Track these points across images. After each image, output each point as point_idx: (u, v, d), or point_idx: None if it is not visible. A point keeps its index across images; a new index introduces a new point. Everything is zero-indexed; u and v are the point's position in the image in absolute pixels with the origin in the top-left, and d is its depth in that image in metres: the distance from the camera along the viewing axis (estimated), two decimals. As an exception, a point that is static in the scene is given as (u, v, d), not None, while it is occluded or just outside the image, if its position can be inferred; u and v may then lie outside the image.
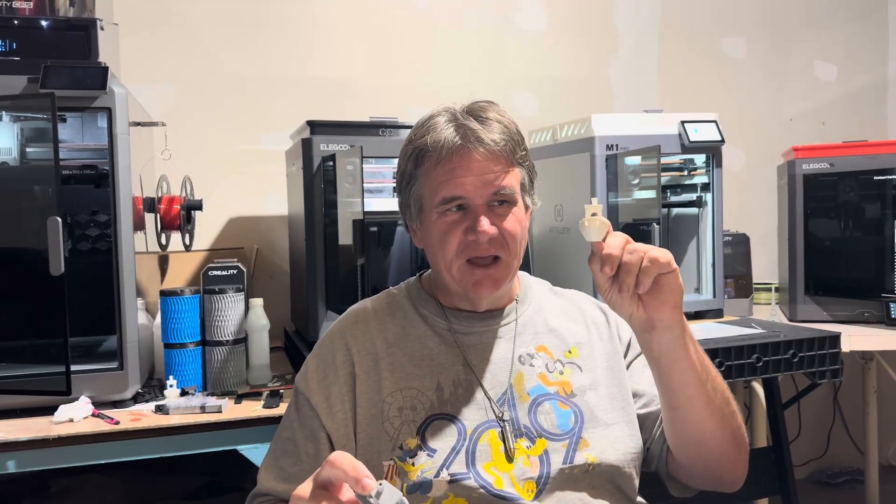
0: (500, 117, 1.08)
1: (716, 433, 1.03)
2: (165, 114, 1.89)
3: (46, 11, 1.61)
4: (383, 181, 1.84)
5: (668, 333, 0.96)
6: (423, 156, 1.08)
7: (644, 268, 0.91)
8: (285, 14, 2.43)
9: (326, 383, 1.10)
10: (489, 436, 1.05)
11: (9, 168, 1.65)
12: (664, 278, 0.93)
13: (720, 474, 1.10)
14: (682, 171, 2.21)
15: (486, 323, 1.14)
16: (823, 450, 3.07)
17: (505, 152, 1.06)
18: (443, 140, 1.05)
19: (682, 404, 1.02)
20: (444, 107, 1.11)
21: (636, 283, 0.92)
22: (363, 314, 1.17)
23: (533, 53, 2.74)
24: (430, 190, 1.08)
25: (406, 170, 1.12)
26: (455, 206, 1.06)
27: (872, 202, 2.27)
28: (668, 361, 0.98)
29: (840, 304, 2.28)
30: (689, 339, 0.98)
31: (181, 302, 1.60)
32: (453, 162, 1.05)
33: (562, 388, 1.11)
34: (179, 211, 1.80)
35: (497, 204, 1.07)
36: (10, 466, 1.37)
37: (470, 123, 1.06)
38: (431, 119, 1.09)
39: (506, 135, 1.07)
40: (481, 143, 1.05)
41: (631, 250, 0.92)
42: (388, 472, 1.01)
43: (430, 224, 1.10)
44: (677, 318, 0.96)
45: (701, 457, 1.07)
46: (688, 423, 1.04)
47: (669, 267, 0.92)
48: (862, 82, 3.24)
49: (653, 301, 0.94)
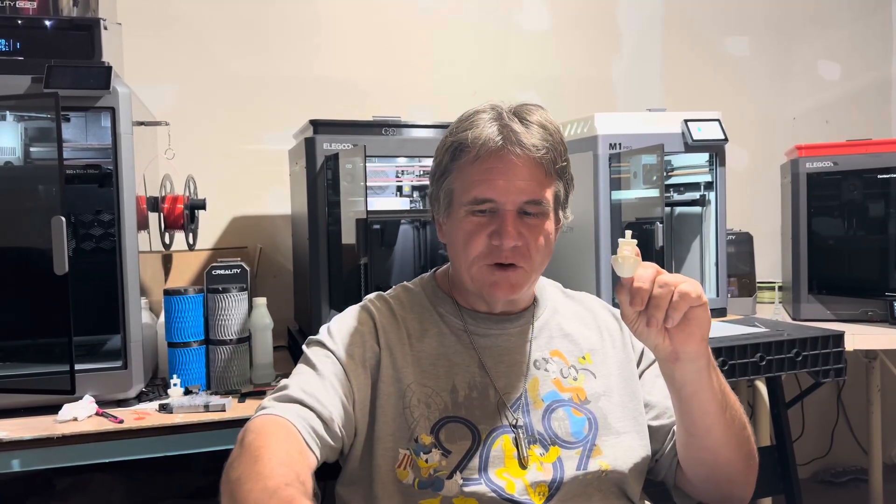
0: (546, 123, 1.06)
1: (730, 457, 1.03)
2: (169, 113, 1.89)
3: (50, 11, 1.61)
4: (386, 180, 1.84)
5: (693, 365, 0.95)
6: (461, 150, 1.06)
7: (674, 303, 0.89)
8: (289, 14, 2.43)
9: (350, 342, 1.07)
10: (503, 441, 1.04)
11: (13, 168, 1.65)
12: (693, 312, 0.91)
13: (729, 491, 1.10)
14: (686, 169, 2.20)
15: (503, 325, 1.13)
16: (827, 449, 3.07)
17: (545, 161, 1.04)
18: (483, 138, 1.03)
19: (700, 432, 1.01)
20: (490, 104, 1.08)
21: (665, 318, 0.90)
22: (387, 302, 1.15)
23: (535, 52, 2.74)
24: (462, 186, 1.06)
25: (442, 161, 1.10)
26: (485, 209, 1.04)
27: (876, 201, 2.26)
28: (691, 392, 0.97)
29: (844, 303, 2.28)
30: (712, 370, 0.97)
31: (185, 301, 1.60)
32: (490, 162, 1.03)
33: (576, 394, 1.10)
34: (183, 210, 1.80)
35: (527, 214, 1.05)
36: (14, 465, 1.37)
37: (513, 125, 1.03)
38: (476, 115, 1.07)
39: (548, 142, 1.04)
40: (522, 146, 1.02)
41: (661, 283, 0.90)
42: (403, 461, 1.01)
43: (457, 220, 1.07)
44: (703, 350, 0.94)
45: (712, 478, 1.07)
46: (704, 449, 1.03)
47: (700, 301, 0.90)
48: (866, 81, 3.23)
49: (679, 334, 0.92)
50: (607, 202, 1.96)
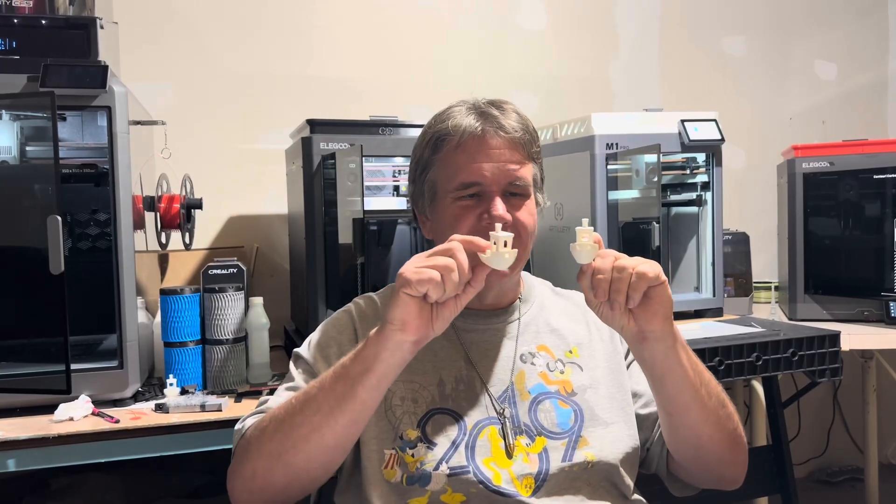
0: (519, 111, 1.12)
1: (712, 436, 1.04)
2: (165, 112, 1.88)
3: (46, 10, 1.61)
4: (383, 180, 1.84)
5: (660, 345, 0.96)
6: (442, 141, 1.09)
7: (633, 283, 0.91)
8: (286, 13, 2.43)
9: (327, 353, 1.10)
10: (489, 432, 1.05)
11: (9, 167, 1.65)
12: (653, 291, 0.93)
13: (720, 473, 1.11)
14: (683, 169, 2.21)
15: (489, 321, 1.15)
16: (823, 448, 3.08)
17: (523, 142, 1.09)
18: (464, 125, 1.07)
19: (677, 410, 1.02)
20: (462, 99, 1.13)
21: (627, 300, 0.92)
22: (371, 304, 1.18)
23: (533, 52, 2.74)
24: (447, 174, 1.09)
25: (422, 156, 1.13)
26: (471, 193, 1.07)
27: (872, 201, 2.27)
28: (661, 371, 0.99)
29: (840, 303, 2.28)
30: (681, 348, 0.98)
31: (181, 301, 1.60)
32: (473, 147, 1.07)
33: (562, 386, 1.11)
34: (179, 210, 1.80)
35: (512, 195, 1.08)
36: (9, 465, 1.37)
37: (490, 111, 1.09)
38: (451, 108, 1.12)
39: (523, 125, 1.09)
40: (502, 129, 1.07)
41: (619, 268, 0.92)
42: (390, 461, 1.02)
43: (443, 209, 1.10)
44: (668, 330, 0.96)
45: (699, 458, 1.08)
46: (684, 428, 1.04)
47: (658, 280, 0.92)
48: (862, 81, 3.24)
49: (643, 313, 0.94)
50: (604, 202, 1.97)
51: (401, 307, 0.89)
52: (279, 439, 0.94)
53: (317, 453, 0.94)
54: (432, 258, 0.89)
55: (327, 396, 0.92)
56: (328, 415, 0.92)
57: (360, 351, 0.92)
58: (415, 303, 0.89)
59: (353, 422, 0.94)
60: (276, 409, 0.98)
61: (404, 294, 0.88)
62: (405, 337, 0.90)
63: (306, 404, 0.93)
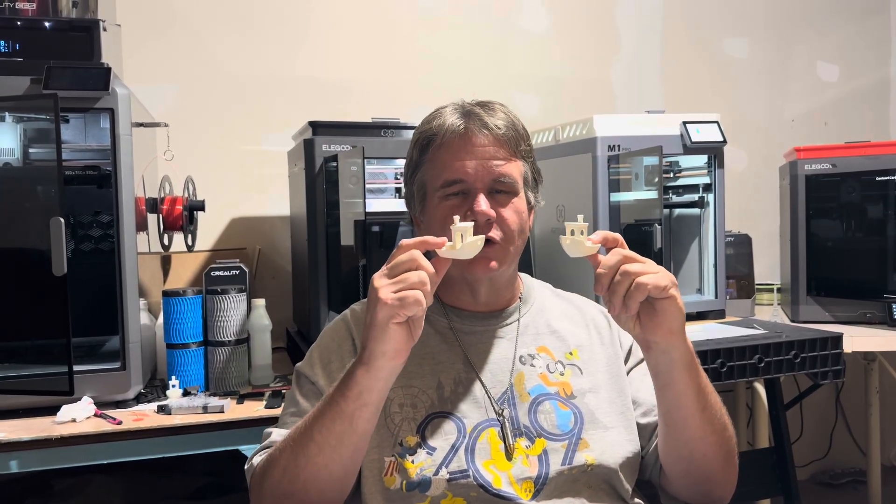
0: (507, 111, 1.12)
1: (707, 454, 1.03)
2: (168, 114, 1.89)
3: (49, 12, 1.62)
4: (385, 182, 1.84)
5: (664, 357, 0.95)
6: (428, 142, 1.10)
7: (630, 292, 0.89)
8: (288, 15, 2.43)
9: (330, 369, 1.09)
10: (489, 434, 1.05)
11: (12, 169, 1.65)
12: (659, 303, 0.91)
13: (708, 490, 1.09)
14: (684, 171, 2.21)
15: (488, 322, 1.14)
16: (826, 450, 3.07)
17: (507, 139, 1.08)
18: (448, 124, 1.08)
19: (674, 423, 1.02)
20: (452, 101, 1.14)
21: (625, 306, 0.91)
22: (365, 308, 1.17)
23: (535, 54, 2.74)
24: (433, 174, 1.10)
25: (412, 158, 1.14)
26: (456, 191, 1.07)
27: (874, 203, 2.27)
28: (663, 382, 0.98)
29: (842, 305, 2.28)
30: (687, 365, 0.96)
31: (183, 302, 1.60)
32: (456, 145, 1.08)
33: (562, 388, 1.11)
34: (182, 211, 1.80)
35: (498, 192, 1.08)
36: (12, 466, 1.37)
37: (475, 110, 1.09)
38: (439, 110, 1.13)
39: (509, 123, 1.09)
40: (485, 126, 1.07)
41: (623, 272, 0.90)
42: (390, 468, 1.02)
43: (431, 209, 1.10)
44: (673, 343, 0.94)
45: (689, 473, 1.07)
46: (679, 441, 1.03)
47: (664, 293, 0.90)
48: (864, 83, 3.23)
49: (648, 322, 0.93)
50: (606, 204, 1.97)
51: (391, 338, 0.88)
52: (288, 481, 0.95)
53: (328, 483, 0.95)
54: (400, 277, 0.87)
55: (327, 438, 0.92)
56: (332, 451, 0.93)
57: (352, 386, 0.91)
58: (403, 329, 0.88)
59: (358, 449, 0.95)
60: (278, 454, 0.97)
61: (393, 325, 0.87)
62: (398, 362, 0.90)
63: (307, 447, 0.93)
